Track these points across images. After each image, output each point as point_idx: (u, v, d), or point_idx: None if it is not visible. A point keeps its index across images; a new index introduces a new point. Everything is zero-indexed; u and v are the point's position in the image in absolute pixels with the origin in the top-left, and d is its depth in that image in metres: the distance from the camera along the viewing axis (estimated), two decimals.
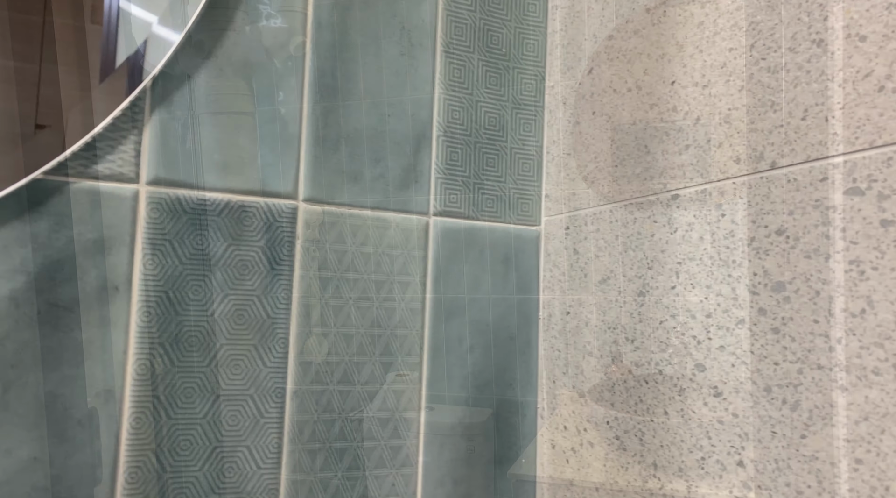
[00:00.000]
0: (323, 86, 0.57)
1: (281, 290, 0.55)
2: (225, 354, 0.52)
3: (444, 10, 0.62)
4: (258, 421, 0.53)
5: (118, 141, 0.50)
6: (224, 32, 0.54)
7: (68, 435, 0.48)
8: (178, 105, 0.52)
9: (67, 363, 0.48)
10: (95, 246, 0.49)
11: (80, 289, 0.49)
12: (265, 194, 0.55)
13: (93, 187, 0.49)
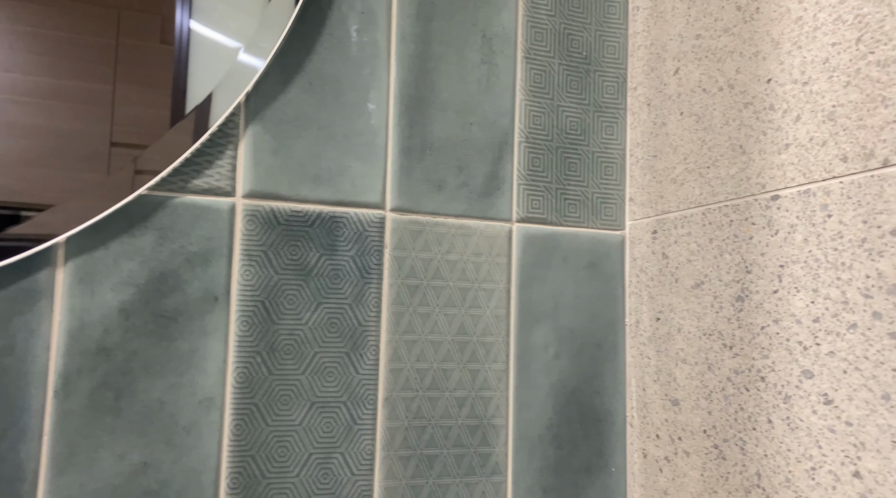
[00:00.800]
0: (407, 96, 0.58)
1: (371, 298, 0.56)
2: (319, 361, 0.54)
3: (524, 16, 0.62)
4: (352, 428, 0.54)
5: (215, 156, 0.52)
6: (312, 48, 0.56)
7: (175, 441, 0.50)
8: (270, 120, 0.54)
9: (172, 372, 0.50)
10: (196, 258, 0.51)
11: (183, 300, 0.51)
12: (355, 205, 0.56)
13: (193, 201, 0.52)
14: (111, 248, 0.50)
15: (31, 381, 0.47)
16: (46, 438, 0.47)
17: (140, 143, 0.52)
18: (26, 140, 0.49)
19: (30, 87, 0.49)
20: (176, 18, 0.53)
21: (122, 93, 0.52)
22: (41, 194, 0.48)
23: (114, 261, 0.49)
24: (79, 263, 0.49)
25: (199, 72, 0.53)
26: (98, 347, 0.49)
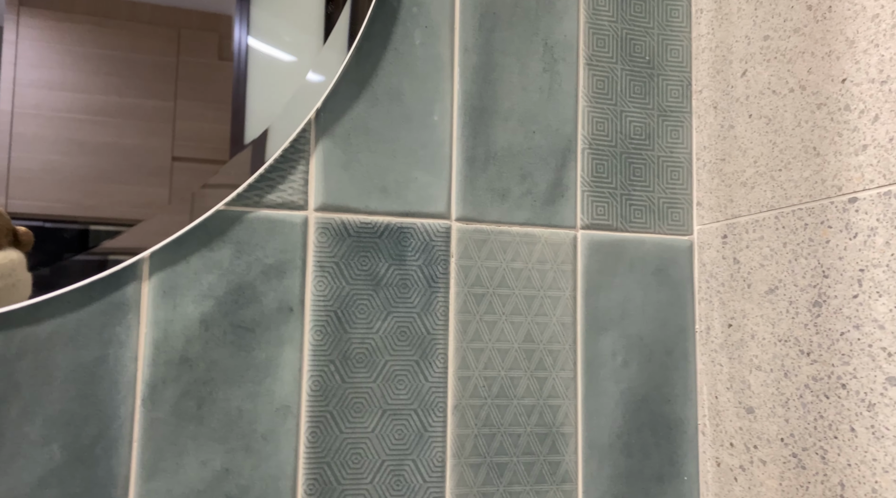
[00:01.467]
0: (470, 107, 0.59)
1: (439, 306, 0.57)
2: (389, 369, 0.55)
3: (585, 23, 0.62)
4: (422, 435, 0.55)
5: (288, 171, 0.54)
6: (378, 63, 0.57)
7: (254, 448, 0.52)
8: (339, 135, 0.56)
9: (251, 380, 0.52)
10: (272, 270, 0.53)
11: (260, 311, 0.53)
12: (421, 215, 0.57)
13: (267, 215, 0.54)
14: (191, 262, 0.52)
15: (120, 390, 0.49)
16: (136, 445, 0.49)
17: (200, 157, 0.54)
18: (95, 157, 0.51)
19: (98, 107, 0.52)
20: (234, 36, 0.55)
21: (182, 109, 0.54)
22: (109, 209, 0.51)
23: (194, 274, 0.52)
24: (162, 277, 0.51)
25: (258, 87, 0.55)
26: (181, 357, 0.51)
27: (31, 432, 0.47)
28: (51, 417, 0.48)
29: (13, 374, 0.48)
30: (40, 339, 0.48)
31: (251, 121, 0.55)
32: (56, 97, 0.51)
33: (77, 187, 0.51)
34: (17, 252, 0.48)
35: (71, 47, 0.52)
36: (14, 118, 0.50)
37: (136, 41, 0.54)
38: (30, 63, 0.51)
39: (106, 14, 0.53)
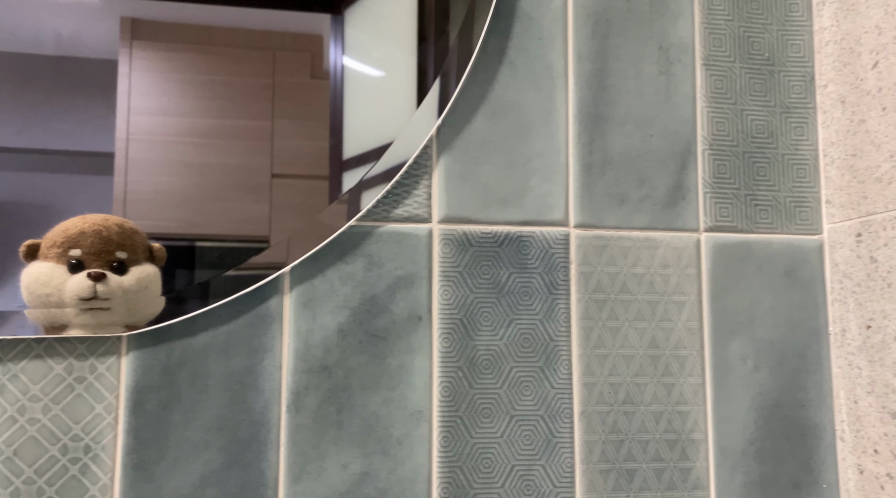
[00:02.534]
0: (586, 114, 0.60)
1: (560, 313, 0.58)
2: (515, 375, 0.56)
3: (700, 24, 0.62)
4: (550, 441, 0.56)
5: (412, 186, 0.57)
6: (494, 77, 0.59)
7: (390, 452, 0.54)
8: (459, 148, 0.58)
9: (385, 386, 0.55)
10: (401, 281, 0.56)
11: (391, 320, 0.56)
12: (540, 224, 0.58)
13: (395, 229, 0.56)
14: (328, 275, 0.55)
15: (267, 397, 0.53)
16: (283, 449, 0.53)
17: (299, 173, 0.57)
18: (200, 177, 0.55)
19: (202, 129, 0.56)
20: (329, 55, 0.58)
21: (279, 128, 0.57)
22: (214, 225, 0.55)
23: (331, 287, 0.55)
24: (302, 290, 0.55)
25: (354, 103, 0.58)
26: (321, 365, 0.54)
27: (191, 436, 0.52)
28: (208, 423, 0.52)
29: (174, 382, 0.52)
30: (196, 349, 0.53)
31: (350, 137, 0.57)
32: (165, 122, 0.56)
33: (185, 206, 0.55)
34: (152, 266, 0.53)
35: (177, 75, 0.56)
36: (129, 144, 0.55)
37: (234, 65, 0.57)
38: (141, 92, 0.55)
39: (207, 42, 0.57)
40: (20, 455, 0.49)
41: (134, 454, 0.51)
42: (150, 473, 0.51)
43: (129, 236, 0.52)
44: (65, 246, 0.50)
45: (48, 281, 0.49)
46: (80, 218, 0.51)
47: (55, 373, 0.50)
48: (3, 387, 0.49)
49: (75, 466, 0.50)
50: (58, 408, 0.50)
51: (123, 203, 0.53)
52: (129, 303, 0.51)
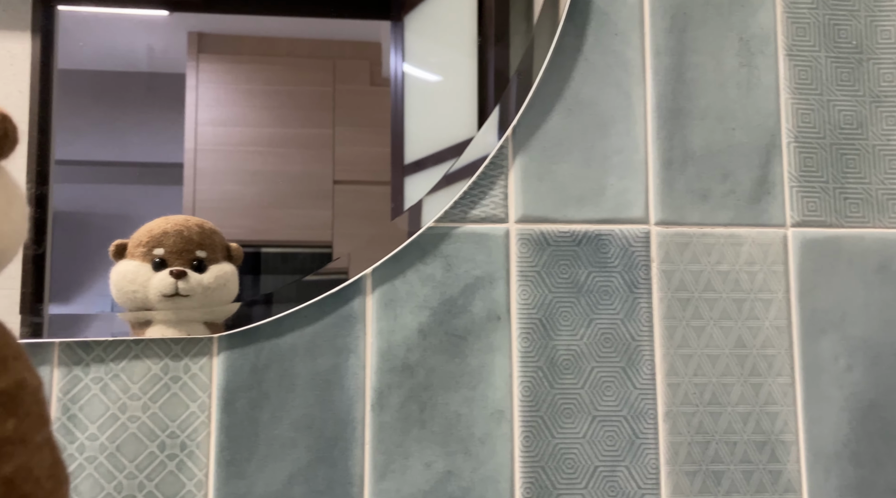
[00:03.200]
0: (665, 109, 0.59)
1: (642, 312, 0.57)
2: (596, 376, 0.56)
3: (783, 13, 0.61)
4: (634, 442, 0.56)
5: (489, 187, 0.57)
6: (569, 75, 0.59)
7: (472, 451, 0.55)
8: (535, 148, 0.58)
9: (466, 386, 0.55)
10: (479, 281, 0.56)
11: (470, 320, 0.56)
12: (619, 221, 0.58)
13: (473, 230, 0.57)
14: (408, 276, 0.56)
15: (352, 395, 0.54)
16: (367, 447, 0.54)
17: (360, 179, 0.58)
18: (264, 185, 0.57)
19: (265, 138, 0.58)
20: (390, 62, 0.59)
21: (340, 135, 0.58)
22: (278, 232, 0.56)
23: (411, 287, 0.56)
24: (383, 291, 0.56)
25: (415, 108, 0.58)
26: (403, 364, 0.55)
27: (280, 434, 0.53)
28: (295, 421, 0.54)
29: (263, 382, 0.54)
30: (283, 350, 0.54)
31: (411, 142, 0.58)
32: (230, 133, 0.57)
33: (250, 213, 0.56)
34: (230, 265, 0.55)
35: (241, 86, 0.58)
36: (197, 154, 0.57)
37: (296, 75, 0.59)
38: (208, 104, 0.57)
39: (269, 53, 0.59)
40: (122, 451, 0.52)
41: (226, 451, 0.53)
42: (242, 470, 0.53)
43: (208, 236, 0.54)
44: (149, 245, 0.53)
45: (134, 278, 0.52)
46: (163, 219, 0.54)
47: (153, 373, 0.53)
48: (105, 386, 0.52)
49: (172, 462, 0.52)
50: (155, 406, 0.53)
51: (192, 212, 0.56)
52: (207, 299, 0.53)
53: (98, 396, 0.52)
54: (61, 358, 0.52)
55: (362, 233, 0.57)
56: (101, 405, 0.52)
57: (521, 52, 0.58)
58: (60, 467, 0.27)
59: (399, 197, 0.58)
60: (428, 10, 0.60)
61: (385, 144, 0.58)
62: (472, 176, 0.57)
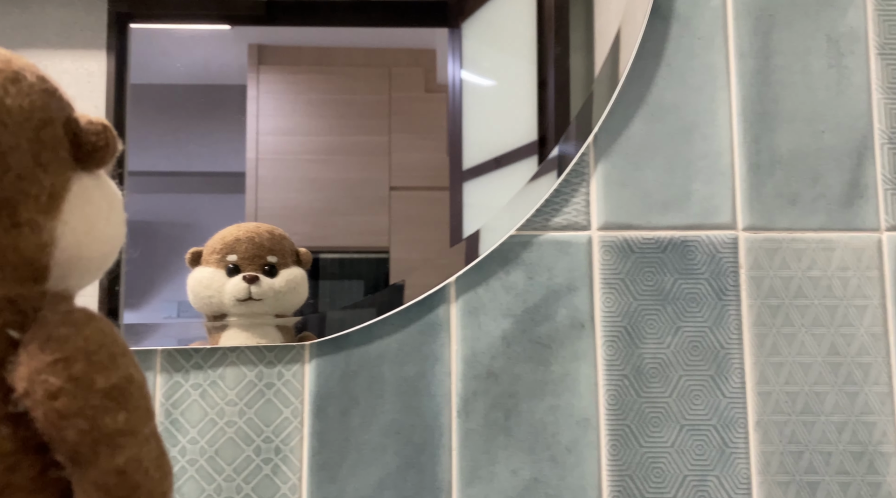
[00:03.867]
0: (750, 113, 0.58)
1: (731, 320, 0.56)
2: (684, 384, 0.56)
3: (874, 12, 0.59)
4: (724, 451, 0.55)
5: (571, 194, 0.58)
6: (651, 81, 0.59)
7: (559, 459, 0.55)
8: (617, 154, 0.58)
9: (550, 394, 0.56)
10: (562, 289, 0.57)
11: (554, 328, 0.56)
12: (705, 227, 0.57)
13: (554, 238, 0.57)
14: (490, 284, 0.57)
15: (439, 402, 0.55)
16: (455, 453, 0.55)
17: (416, 185, 0.59)
18: (323, 192, 0.58)
19: (323, 147, 0.59)
20: (447, 68, 0.60)
21: (396, 141, 0.59)
22: (337, 238, 0.58)
23: (494, 295, 0.57)
24: (466, 299, 0.57)
25: (473, 114, 0.59)
26: (487, 372, 0.56)
27: (370, 440, 0.55)
28: (384, 427, 0.55)
29: (352, 388, 0.55)
30: (371, 356, 0.56)
31: (469, 148, 0.59)
32: (290, 142, 0.59)
33: (309, 220, 0.58)
34: (299, 269, 0.56)
35: (300, 96, 0.60)
36: (258, 164, 0.59)
37: (352, 84, 0.60)
38: (268, 114, 0.59)
39: (327, 63, 0.61)
40: (220, 454, 0.54)
41: (318, 456, 0.54)
42: (334, 475, 0.54)
43: (278, 242, 0.56)
44: (223, 252, 0.55)
45: (210, 284, 0.54)
46: (235, 226, 0.56)
47: (248, 379, 0.55)
48: (204, 392, 0.55)
49: (268, 465, 0.54)
50: (251, 411, 0.55)
51: (255, 219, 0.58)
52: (278, 302, 0.55)
53: (198, 401, 0.54)
54: (163, 365, 0.55)
55: (419, 238, 0.58)
56: (200, 410, 0.54)
57: (601, 59, 0.58)
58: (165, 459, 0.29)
59: (458, 203, 0.59)
60: (486, 17, 0.61)
61: (440, 150, 0.59)
62: (554, 184, 0.57)
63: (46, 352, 0.25)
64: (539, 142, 0.59)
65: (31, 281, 0.27)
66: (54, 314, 0.27)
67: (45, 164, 0.27)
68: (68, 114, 0.28)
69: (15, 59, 0.28)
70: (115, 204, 0.31)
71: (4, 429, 0.26)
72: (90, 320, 0.27)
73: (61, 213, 0.27)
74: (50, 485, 0.27)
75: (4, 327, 0.26)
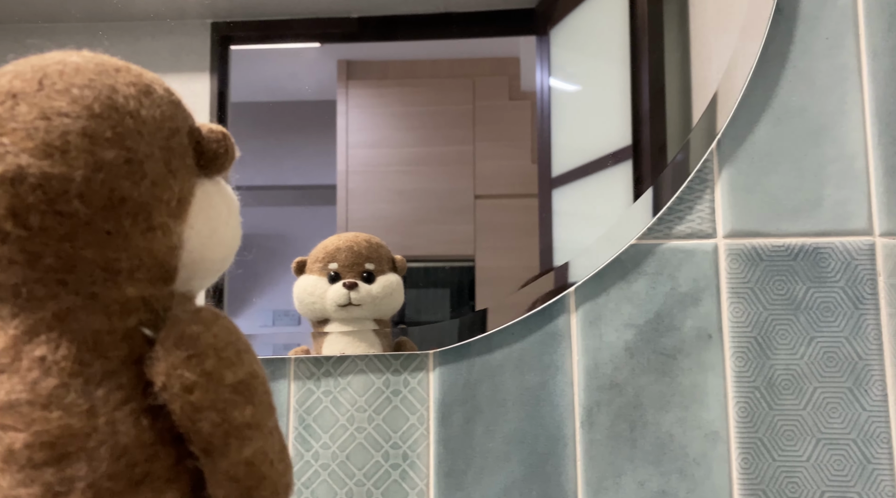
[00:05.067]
0: (885, 114, 0.56)
1: (869, 329, 0.54)
2: (819, 397, 0.54)
3: None
4: (865, 467, 0.53)
5: (694, 201, 0.57)
6: (777, 83, 0.57)
7: (687, 471, 0.54)
8: (742, 160, 0.57)
9: (677, 405, 0.55)
10: (687, 298, 0.56)
11: (679, 338, 0.56)
12: (838, 234, 0.55)
13: (678, 246, 0.57)
14: (611, 293, 0.57)
15: (561, 412, 0.56)
16: (579, 464, 0.55)
17: (501, 193, 0.60)
18: (410, 203, 0.60)
19: (410, 158, 0.61)
20: (535, 76, 0.61)
21: (481, 150, 0.60)
22: (424, 247, 0.59)
23: (615, 305, 0.57)
24: (587, 309, 0.57)
25: (562, 121, 0.60)
26: (610, 382, 0.56)
27: (494, 448, 0.56)
28: (508, 435, 0.56)
29: (476, 396, 0.57)
30: (493, 365, 0.57)
31: (558, 155, 0.59)
32: (378, 154, 0.61)
33: (397, 230, 0.60)
34: (395, 275, 0.58)
35: (386, 109, 0.62)
36: (348, 176, 0.61)
37: (437, 95, 0.62)
38: (357, 127, 0.61)
39: (412, 75, 0.62)
40: (351, 459, 0.56)
41: (445, 463, 0.56)
42: (460, 482, 0.56)
43: (375, 250, 0.58)
44: (325, 261, 0.58)
45: (313, 291, 0.57)
46: (336, 236, 0.59)
47: (375, 387, 0.57)
48: (335, 399, 0.57)
49: (396, 471, 0.56)
50: (379, 418, 0.57)
51: (345, 230, 0.60)
52: (376, 307, 0.57)
53: (329, 407, 0.57)
54: (296, 372, 0.58)
55: (504, 245, 0.59)
56: (331, 416, 0.57)
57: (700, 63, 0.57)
58: (286, 452, 0.31)
59: (547, 209, 0.59)
60: (575, 22, 0.61)
61: (525, 158, 0.60)
62: (677, 192, 0.57)
63: (181, 348, 0.27)
64: (633, 147, 0.59)
65: (161, 282, 0.29)
66: (185, 313, 0.28)
67: (175, 171, 0.29)
68: (191, 123, 0.31)
69: (145, 73, 0.30)
70: (233, 208, 0.33)
71: (145, 420, 0.27)
72: (217, 318, 0.29)
73: (188, 217, 0.29)
74: (184, 474, 0.29)
75: (139, 326, 0.28)
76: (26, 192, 0.25)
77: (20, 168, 0.25)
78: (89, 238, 0.26)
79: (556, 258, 0.58)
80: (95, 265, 0.27)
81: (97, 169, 0.26)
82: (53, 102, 0.26)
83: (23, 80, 0.27)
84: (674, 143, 0.58)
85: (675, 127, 0.58)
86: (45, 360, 0.26)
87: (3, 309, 0.27)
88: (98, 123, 0.27)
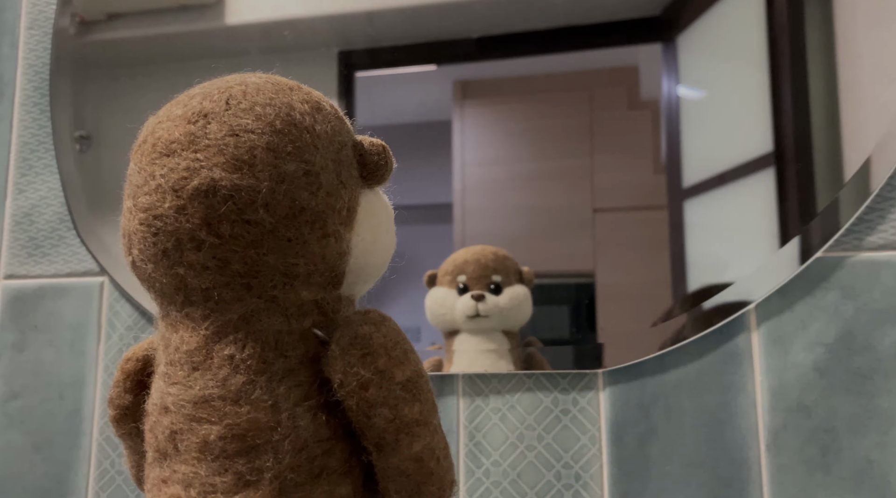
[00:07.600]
0: None
1: None
2: None
3: None
4: None
5: (886, 210, 0.54)
6: None
7: None
8: None
9: (875, 429, 0.52)
10: (883, 315, 0.53)
11: (875, 357, 0.52)
12: None
13: (870, 258, 0.54)
14: (796, 309, 0.54)
15: (744, 435, 0.54)
16: (766, 490, 0.53)
17: (621, 206, 0.58)
18: (526, 218, 0.60)
19: (526, 173, 0.60)
20: (661, 84, 0.59)
21: (599, 162, 0.59)
22: (541, 263, 0.59)
23: (801, 322, 0.54)
24: (769, 326, 0.55)
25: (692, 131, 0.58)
26: (798, 404, 0.53)
27: (671, 471, 0.55)
28: (685, 458, 0.54)
29: (650, 417, 0.56)
30: (668, 386, 0.56)
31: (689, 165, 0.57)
32: (494, 171, 0.61)
33: (514, 246, 0.60)
34: (522, 287, 0.59)
35: (502, 126, 0.62)
36: (464, 194, 0.61)
37: (553, 109, 0.61)
38: (472, 146, 0.62)
39: (527, 91, 0.62)
40: (523, 478, 0.57)
41: (620, 485, 0.55)
42: None
43: (501, 262, 0.59)
44: (454, 273, 0.60)
45: (443, 302, 0.60)
46: (464, 250, 0.60)
47: (544, 405, 0.57)
48: (504, 416, 0.58)
49: (569, 491, 0.56)
50: (549, 437, 0.57)
51: (462, 247, 0.60)
52: (504, 318, 0.58)
53: (498, 425, 0.58)
54: (464, 389, 0.59)
55: (627, 259, 0.58)
56: (500, 434, 0.58)
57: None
58: (449, 450, 0.32)
59: (678, 222, 0.57)
60: (705, 27, 0.59)
61: (646, 168, 0.59)
62: (867, 200, 0.54)
63: (356, 347, 0.29)
64: (776, 154, 0.56)
65: (331, 286, 0.31)
66: (355, 314, 0.30)
67: (345, 182, 0.31)
68: (353, 137, 0.33)
69: (313, 91, 0.33)
70: (391, 216, 0.35)
71: (322, 416, 0.29)
72: (384, 320, 0.31)
73: (355, 225, 0.31)
74: (356, 469, 0.30)
75: (313, 327, 0.30)
76: (219, 204, 0.28)
77: (213, 181, 0.28)
78: (272, 245, 0.28)
79: (690, 273, 0.57)
80: (277, 270, 0.29)
81: (280, 181, 0.28)
82: (240, 120, 0.29)
83: (211, 100, 0.29)
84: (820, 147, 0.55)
85: (820, 131, 0.55)
86: (234, 358, 0.29)
87: (195, 311, 0.30)
88: (280, 138, 0.29)
